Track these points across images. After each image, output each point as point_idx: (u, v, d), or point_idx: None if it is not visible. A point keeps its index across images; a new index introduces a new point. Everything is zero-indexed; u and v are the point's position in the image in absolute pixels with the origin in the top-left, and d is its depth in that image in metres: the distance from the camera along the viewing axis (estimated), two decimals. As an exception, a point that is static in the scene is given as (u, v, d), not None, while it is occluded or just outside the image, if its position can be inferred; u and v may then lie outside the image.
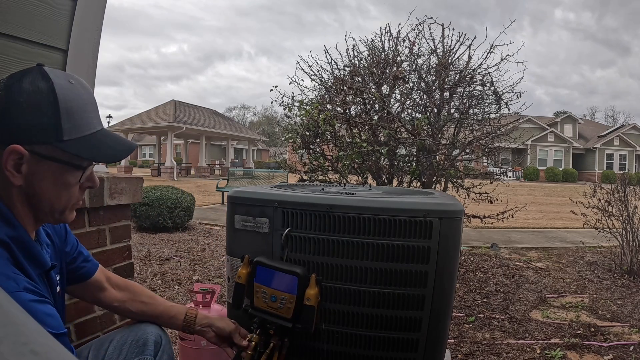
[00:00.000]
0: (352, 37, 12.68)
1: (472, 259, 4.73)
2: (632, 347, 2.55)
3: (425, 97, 4.45)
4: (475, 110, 4.59)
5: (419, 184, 4.28)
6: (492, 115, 4.57)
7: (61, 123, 0.78)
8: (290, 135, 4.60)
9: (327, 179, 4.31)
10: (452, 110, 4.53)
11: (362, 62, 4.73)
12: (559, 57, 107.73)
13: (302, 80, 10.35)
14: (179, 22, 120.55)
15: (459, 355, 2.45)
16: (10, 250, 0.77)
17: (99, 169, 2.00)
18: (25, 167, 0.78)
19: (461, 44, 4.43)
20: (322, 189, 1.57)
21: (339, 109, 4.32)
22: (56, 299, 0.93)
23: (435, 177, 4.32)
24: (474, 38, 4.37)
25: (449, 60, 4.43)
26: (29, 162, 0.78)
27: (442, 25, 4.45)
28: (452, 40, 4.49)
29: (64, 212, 0.86)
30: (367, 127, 4.21)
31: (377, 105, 4.32)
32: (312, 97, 4.79)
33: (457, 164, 4.58)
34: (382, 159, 4.32)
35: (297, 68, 4.75)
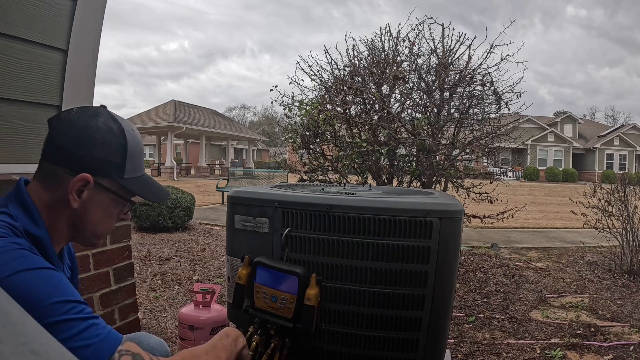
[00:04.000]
0: (352, 37, 12.72)
1: (472, 259, 4.72)
2: (632, 347, 2.55)
3: (425, 97, 4.45)
4: (475, 110, 4.59)
5: (419, 184, 4.28)
6: (492, 115, 4.57)
7: (126, 162, 0.90)
8: (290, 135, 4.60)
9: (327, 179, 4.31)
10: (452, 110, 4.53)
11: (362, 62, 4.73)
12: (566, 55, 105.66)
13: (302, 80, 10.34)
14: (181, 15, 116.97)
15: (459, 355, 2.45)
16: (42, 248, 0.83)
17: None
18: (86, 194, 0.87)
19: (461, 44, 4.44)
20: (322, 189, 1.57)
21: (339, 109, 4.31)
22: None
23: (435, 177, 4.32)
24: (474, 38, 4.38)
25: (449, 60, 4.43)
26: (90, 190, 0.87)
27: (442, 25, 4.46)
28: (452, 40, 4.50)
29: (100, 238, 0.97)
30: (367, 127, 4.21)
31: (377, 105, 4.32)
32: (312, 97, 4.79)
33: (457, 164, 4.58)
34: (382, 159, 4.32)
35: (297, 68, 4.76)
